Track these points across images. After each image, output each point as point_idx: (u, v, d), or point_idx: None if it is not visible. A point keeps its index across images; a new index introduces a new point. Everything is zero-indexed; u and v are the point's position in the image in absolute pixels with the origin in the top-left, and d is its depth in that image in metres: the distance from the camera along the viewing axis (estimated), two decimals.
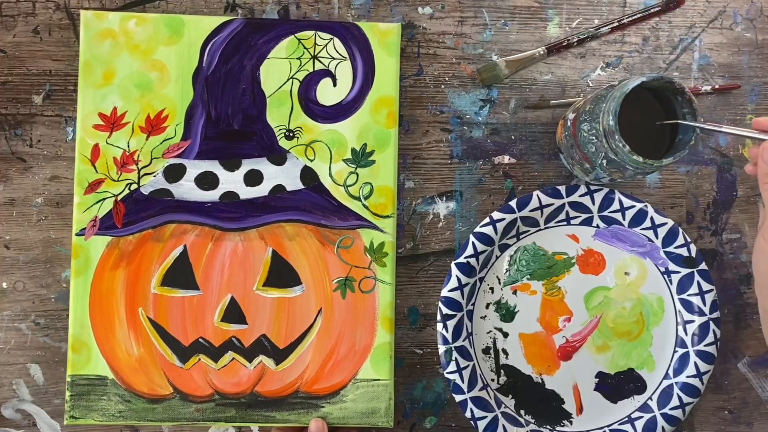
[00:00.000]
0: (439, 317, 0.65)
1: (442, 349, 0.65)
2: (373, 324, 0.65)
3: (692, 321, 0.67)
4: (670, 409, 0.66)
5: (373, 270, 0.65)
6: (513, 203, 0.65)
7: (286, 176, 0.65)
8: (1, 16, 0.66)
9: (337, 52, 0.66)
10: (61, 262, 0.66)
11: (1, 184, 0.66)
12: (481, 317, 0.67)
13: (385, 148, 0.66)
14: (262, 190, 0.65)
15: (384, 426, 0.65)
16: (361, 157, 0.66)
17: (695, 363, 0.66)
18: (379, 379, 0.65)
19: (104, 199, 0.64)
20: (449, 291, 0.65)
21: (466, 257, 0.65)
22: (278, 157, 0.65)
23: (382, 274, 0.66)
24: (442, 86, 0.68)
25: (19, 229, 0.66)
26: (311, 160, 0.66)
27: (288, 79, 0.66)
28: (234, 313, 0.65)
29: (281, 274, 0.65)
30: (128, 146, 0.65)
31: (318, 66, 0.66)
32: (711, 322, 0.66)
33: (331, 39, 0.66)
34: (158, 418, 0.64)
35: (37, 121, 0.66)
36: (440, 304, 0.65)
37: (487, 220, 0.65)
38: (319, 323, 0.65)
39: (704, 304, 0.66)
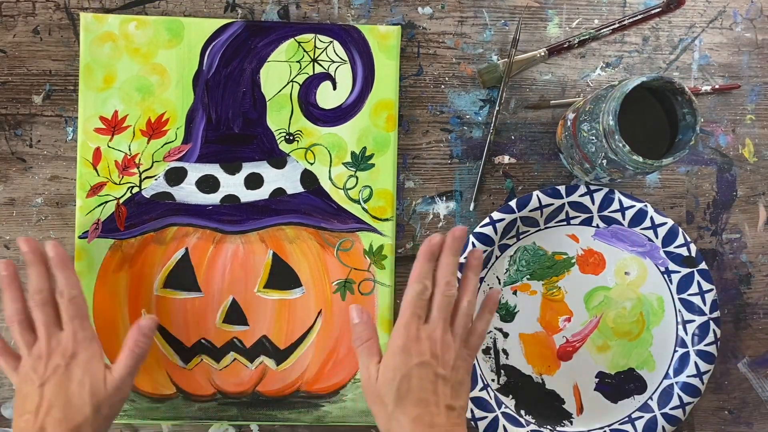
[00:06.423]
0: None
1: None
2: None
3: (692, 321, 0.67)
4: (671, 408, 0.66)
5: (373, 272, 0.66)
6: (513, 203, 0.65)
7: (286, 179, 0.65)
8: (1, 16, 0.66)
9: (337, 55, 0.66)
10: None
11: (1, 184, 0.66)
12: None
13: (384, 151, 0.66)
14: (262, 193, 0.65)
15: None
16: (360, 161, 0.66)
17: (695, 363, 0.66)
18: None
19: (106, 202, 0.64)
20: None
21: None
22: (278, 160, 0.65)
23: (381, 277, 0.66)
24: (442, 86, 0.68)
25: (19, 229, 0.66)
26: (311, 164, 0.66)
27: (288, 83, 0.66)
28: (235, 315, 0.65)
29: (282, 276, 0.65)
30: (129, 150, 0.65)
31: (318, 69, 0.66)
32: (711, 321, 0.66)
33: (331, 42, 0.66)
34: (162, 417, 0.65)
35: (37, 121, 0.66)
36: None
37: (487, 220, 0.65)
38: (319, 324, 0.65)
39: (704, 304, 0.66)
